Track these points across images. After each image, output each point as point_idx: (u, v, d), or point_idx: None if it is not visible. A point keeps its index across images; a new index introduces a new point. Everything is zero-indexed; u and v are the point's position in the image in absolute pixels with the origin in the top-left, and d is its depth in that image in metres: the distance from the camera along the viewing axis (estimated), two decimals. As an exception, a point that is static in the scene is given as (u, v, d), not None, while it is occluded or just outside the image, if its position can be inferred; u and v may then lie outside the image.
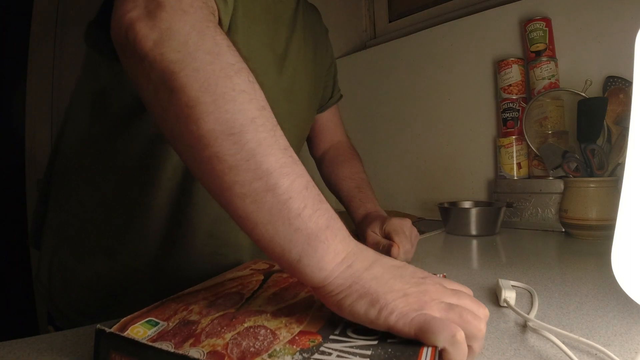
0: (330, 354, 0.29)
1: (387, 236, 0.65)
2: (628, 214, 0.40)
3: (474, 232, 0.91)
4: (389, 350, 0.29)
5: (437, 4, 1.38)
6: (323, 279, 0.32)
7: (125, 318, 0.34)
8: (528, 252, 0.76)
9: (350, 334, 0.32)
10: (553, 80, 0.98)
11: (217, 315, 0.35)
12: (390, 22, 1.56)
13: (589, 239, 0.82)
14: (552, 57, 0.99)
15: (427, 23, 1.36)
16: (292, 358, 0.28)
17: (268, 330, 0.32)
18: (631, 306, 0.43)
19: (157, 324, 0.33)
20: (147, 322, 0.33)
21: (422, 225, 1.09)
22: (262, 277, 0.45)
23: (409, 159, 1.37)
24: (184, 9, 0.34)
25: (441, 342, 0.28)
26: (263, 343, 0.30)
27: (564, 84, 0.98)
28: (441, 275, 0.38)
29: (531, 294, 0.48)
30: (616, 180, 0.80)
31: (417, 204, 1.33)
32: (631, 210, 0.40)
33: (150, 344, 0.30)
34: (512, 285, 0.48)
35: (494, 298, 0.49)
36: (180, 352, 0.28)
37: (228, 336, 0.31)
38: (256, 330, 0.32)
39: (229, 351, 0.29)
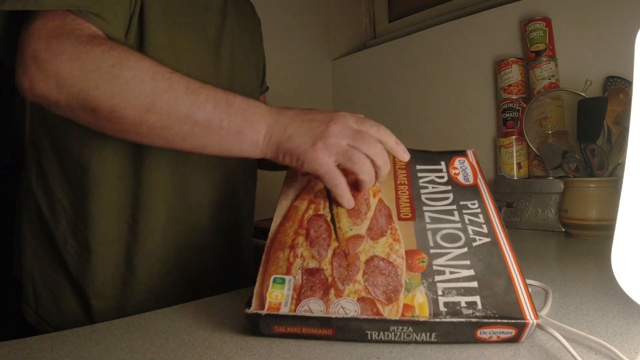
0: (443, 272, 0.35)
1: None
2: (628, 214, 0.40)
3: (474, 232, 0.91)
4: (480, 256, 0.36)
5: (437, 4, 1.38)
6: (261, 153, 0.45)
7: (255, 289, 0.36)
8: (528, 252, 0.76)
9: (441, 243, 0.38)
10: (553, 80, 0.98)
11: (329, 255, 0.38)
12: (390, 22, 1.56)
13: (589, 239, 0.82)
14: (552, 57, 0.99)
15: (427, 23, 1.36)
16: (424, 287, 0.34)
17: (385, 261, 0.37)
18: (631, 306, 0.43)
19: (284, 280, 0.37)
20: (274, 282, 0.36)
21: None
22: (322, 186, 0.46)
23: (409, 159, 1.37)
24: (54, 52, 0.40)
25: (332, 191, 0.43)
26: (392, 277, 0.35)
27: (564, 84, 0.98)
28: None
29: (547, 292, 0.48)
30: (616, 180, 0.80)
31: (417, 204, 1.33)
32: (631, 210, 0.40)
33: (311, 315, 0.33)
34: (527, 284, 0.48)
35: None
36: (340, 315, 0.33)
37: (360, 278, 0.36)
38: (376, 264, 0.37)
39: (373, 294, 0.34)
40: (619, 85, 0.87)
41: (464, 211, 0.42)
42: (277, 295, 0.35)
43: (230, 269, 0.66)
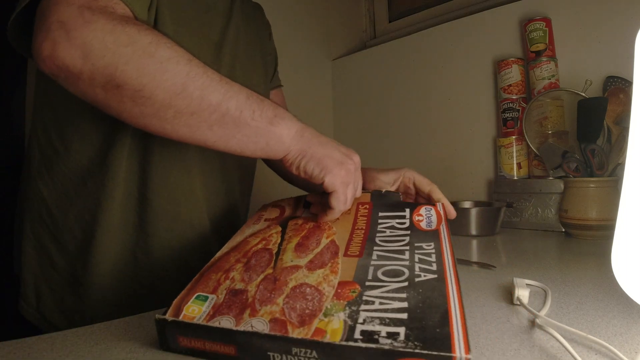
0: (373, 302, 0.33)
1: (420, 193, 0.63)
2: (628, 214, 0.40)
3: (474, 232, 0.91)
4: (420, 290, 0.34)
5: (437, 4, 1.38)
6: (285, 150, 0.45)
7: (175, 300, 0.35)
8: (528, 252, 0.76)
9: (382, 277, 0.36)
10: (553, 80, 0.98)
11: (259, 279, 0.37)
12: (390, 22, 1.56)
13: (589, 239, 0.82)
14: (552, 57, 0.99)
15: (427, 23, 1.36)
16: (344, 314, 0.31)
17: (312, 288, 0.35)
18: (631, 306, 0.43)
19: (206, 298, 0.35)
20: (197, 297, 0.35)
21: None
22: (280, 228, 0.47)
23: (409, 159, 1.37)
24: (87, 20, 0.38)
25: (333, 204, 0.46)
26: (313, 302, 0.33)
27: (564, 84, 0.98)
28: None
29: (546, 292, 0.48)
30: (616, 180, 0.80)
31: (417, 204, 1.33)
32: (631, 210, 0.40)
33: (215, 326, 0.31)
34: (526, 284, 0.48)
35: (508, 296, 0.49)
36: (243, 329, 0.31)
37: (280, 301, 0.34)
38: (302, 290, 0.35)
39: (287, 316, 0.32)
40: (619, 85, 0.87)
41: (417, 251, 0.41)
42: (194, 310, 0.34)
43: None
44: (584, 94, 0.89)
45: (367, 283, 0.35)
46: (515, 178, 1.04)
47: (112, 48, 0.37)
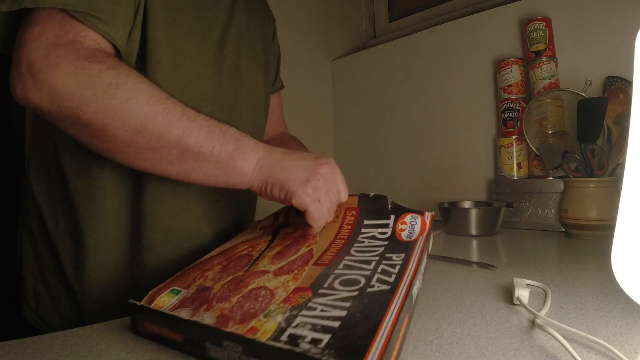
0: (315, 308, 0.33)
1: None
2: (628, 214, 0.40)
3: (474, 232, 0.91)
4: (365, 301, 0.33)
5: (437, 4, 1.38)
6: (248, 182, 0.46)
7: (153, 290, 0.38)
8: (528, 252, 0.76)
9: (336, 286, 0.36)
10: (553, 80, 0.98)
11: (227, 279, 0.39)
12: (390, 22, 1.56)
13: (589, 239, 0.82)
14: (552, 57, 0.99)
15: (427, 23, 1.36)
16: (283, 317, 0.32)
17: (268, 291, 0.36)
18: (631, 306, 0.43)
19: (179, 292, 0.38)
20: (171, 291, 0.38)
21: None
22: (269, 237, 0.48)
23: (409, 159, 1.37)
24: (50, 64, 0.40)
25: (309, 222, 0.45)
26: (262, 304, 0.34)
27: (564, 84, 0.98)
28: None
29: (546, 293, 0.48)
30: (616, 180, 0.80)
31: (417, 204, 1.33)
32: (631, 210, 0.40)
33: (170, 313, 0.34)
34: (526, 284, 0.48)
35: (508, 296, 0.49)
36: (187, 318, 0.33)
37: (234, 299, 0.35)
38: (258, 292, 0.36)
39: (233, 314, 0.33)
40: (619, 85, 0.87)
41: (384, 262, 0.40)
42: (165, 301, 0.37)
43: None
44: (584, 94, 0.89)
45: (320, 291, 0.36)
46: (515, 178, 1.04)
47: (74, 91, 0.40)
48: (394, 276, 0.37)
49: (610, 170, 0.80)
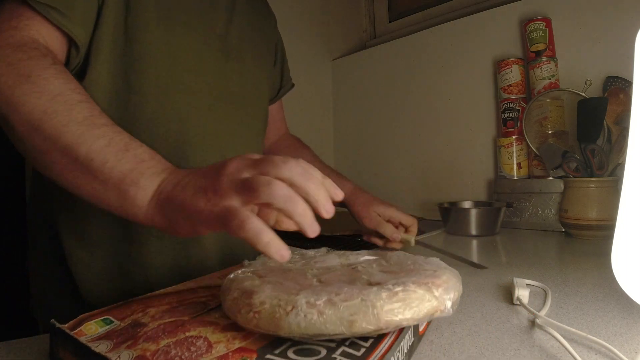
0: None
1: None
2: (628, 214, 0.40)
3: (474, 232, 0.91)
4: None
5: (437, 4, 1.38)
6: (144, 218, 0.36)
7: (83, 314, 0.34)
8: (528, 252, 0.76)
9: (290, 355, 0.30)
10: (553, 80, 0.98)
11: (167, 321, 0.34)
12: (390, 22, 1.56)
13: (589, 239, 0.82)
14: (552, 57, 0.99)
15: (427, 23, 1.36)
16: None
17: (206, 342, 0.31)
18: (631, 306, 0.43)
19: (111, 322, 0.34)
20: (102, 320, 0.34)
21: (422, 225, 1.09)
22: None
23: (409, 159, 1.37)
24: None
25: (238, 233, 0.30)
26: (192, 355, 0.29)
27: (564, 84, 0.98)
28: None
29: (546, 293, 0.48)
30: (616, 180, 0.80)
31: (417, 204, 1.33)
32: (631, 210, 0.40)
33: (84, 342, 0.30)
34: (526, 284, 0.48)
35: (508, 296, 0.49)
36: (108, 354, 0.29)
37: (163, 343, 0.31)
38: (194, 341, 0.31)
39: (154, 358, 0.29)
40: (619, 85, 0.87)
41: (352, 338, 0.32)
42: (91, 329, 0.33)
43: None
44: (584, 94, 0.89)
45: (269, 356, 0.30)
46: (515, 178, 1.04)
47: None
48: (363, 350, 0.30)
49: (610, 170, 0.80)
